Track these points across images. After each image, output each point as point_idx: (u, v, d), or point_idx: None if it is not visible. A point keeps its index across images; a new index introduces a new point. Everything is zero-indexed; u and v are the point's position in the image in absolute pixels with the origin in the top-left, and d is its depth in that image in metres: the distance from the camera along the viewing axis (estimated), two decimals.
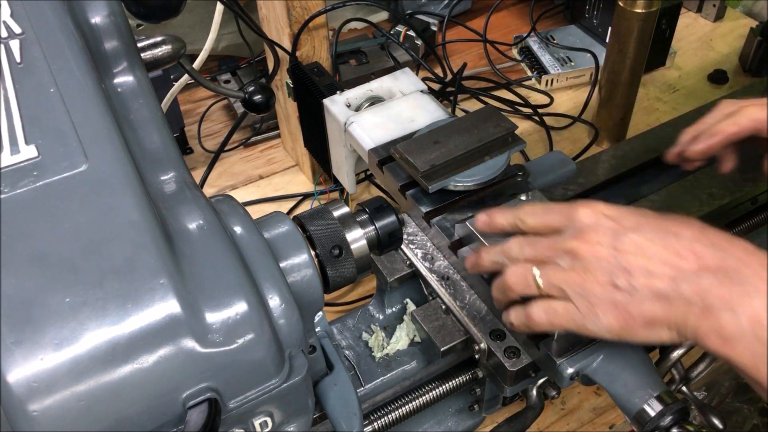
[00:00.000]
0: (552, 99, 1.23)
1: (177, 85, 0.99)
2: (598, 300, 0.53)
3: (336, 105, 0.84)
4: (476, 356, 0.68)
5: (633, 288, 0.52)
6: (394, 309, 0.77)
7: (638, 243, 0.53)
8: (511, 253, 0.59)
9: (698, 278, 0.51)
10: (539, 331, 0.60)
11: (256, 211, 0.53)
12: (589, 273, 0.54)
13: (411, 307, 0.76)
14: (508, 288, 0.59)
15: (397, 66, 1.19)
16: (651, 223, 0.55)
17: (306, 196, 1.09)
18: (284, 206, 1.08)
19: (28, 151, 0.42)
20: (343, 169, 0.88)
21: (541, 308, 0.57)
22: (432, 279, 0.72)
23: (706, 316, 0.50)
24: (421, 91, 0.85)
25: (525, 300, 0.58)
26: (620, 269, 0.53)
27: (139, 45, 0.54)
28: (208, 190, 1.09)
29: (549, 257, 0.56)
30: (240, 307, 0.41)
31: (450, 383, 0.72)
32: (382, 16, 1.36)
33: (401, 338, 0.74)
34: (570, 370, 0.60)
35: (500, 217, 0.62)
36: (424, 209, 0.72)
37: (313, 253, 0.52)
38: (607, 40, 1.08)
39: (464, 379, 0.72)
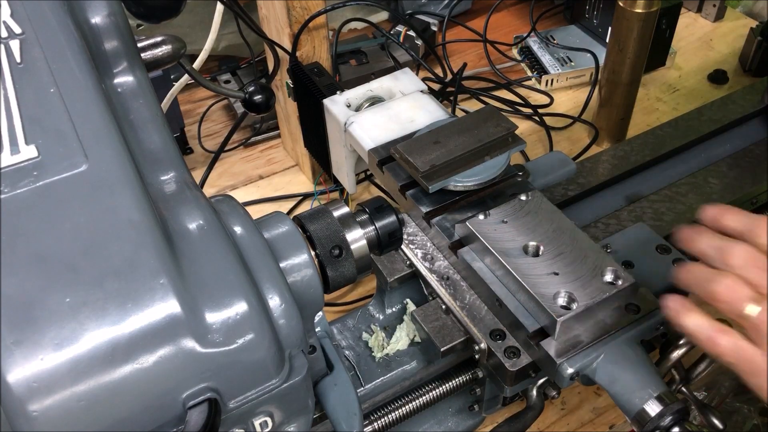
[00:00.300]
0: (552, 99, 1.23)
1: (177, 85, 0.99)
2: None
3: (336, 105, 0.84)
4: (476, 356, 0.68)
5: None
6: (394, 309, 0.77)
7: None
8: (732, 260, 0.53)
9: None
10: (708, 354, 0.55)
11: (256, 211, 0.53)
12: None
13: (411, 307, 0.76)
14: (711, 295, 0.53)
15: (397, 66, 1.19)
16: None
17: (306, 196, 1.09)
18: (284, 206, 1.08)
19: (28, 151, 0.42)
20: (343, 169, 0.88)
21: (732, 342, 0.52)
22: (432, 279, 0.72)
23: None
24: (421, 91, 0.85)
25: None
26: None
27: (139, 45, 0.54)
28: (208, 190, 1.09)
29: None
30: (240, 307, 0.41)
31: (450, 383, 0.72)
32: (382, 16, 1.36)
33: (401, 338, 0.74)
34: (570, 370, 0.60)
35: (732, 218, 0.56)
36: (424, 209, 0.72)
37: (313, 253, 0.52)
38: (607, 40, 1.08)
39: (464, 379, 0.72)
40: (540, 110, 1.20)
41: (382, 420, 0.70)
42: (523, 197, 0.69)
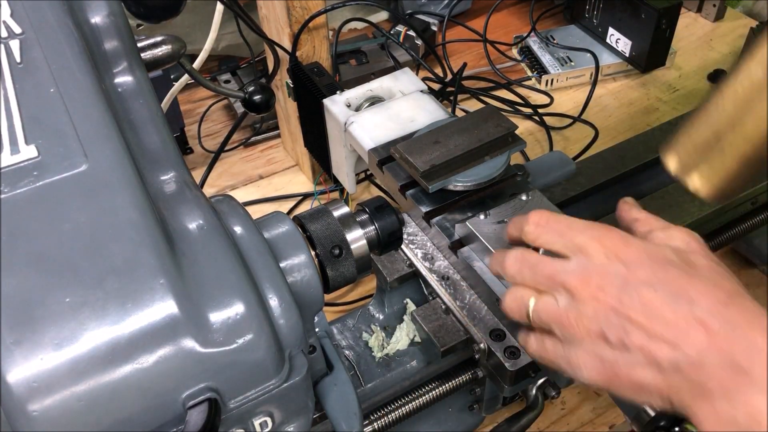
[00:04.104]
0: (552, 99, 1.23)
1: (177, 85, 0.99)
2: (583, 351, 0.49)
3: (336, 105, 0.84)
4: (476, 356, 0.68)
5: (625, 347, 0.47)
6: (394, 309, 0.77)
7: (646, 300, 0.47)
8: (508, 272, 0.55)
9: (701, 356, 0.45)
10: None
11: (256, 211, 0.53)
12: (581, 319, 0.49)
13: (411, 307, 0.76)
14: (504, 311, 0.55)
15: (397, 66, 1.19)
16: (667, 279, 0.48)
17: (306, 196, 1.09)
18: (284, 206, 1.08)
19: (28, 151, 0.42)
20: (343, 169, 0.88)
21: (535, 340, 0.54)
22: (432, 279, 0.72)
23: (702, 399, 0.45)
24: (421, 91, 0.85)
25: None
26: (616, 324, 0.47)
27: (139, 45, 0.54)
28: (208, 190, 1.09)
29: (548, 287, 0.51)
30: (240, 307, 0.41)
31: (450, 383, 0.72)
32: (382, 16, 1.36)
33: (401, 338, 0.74)
34: None
35: (511, 226, 0.58)
36: (424, 209, 0.72)
37: (313, 253, 0.52)
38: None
39: (464, 379, 0.72)
40: (540, 110, 1.20)
41: (382, 420, 0.70)
42: (523, 197, 0.69)
